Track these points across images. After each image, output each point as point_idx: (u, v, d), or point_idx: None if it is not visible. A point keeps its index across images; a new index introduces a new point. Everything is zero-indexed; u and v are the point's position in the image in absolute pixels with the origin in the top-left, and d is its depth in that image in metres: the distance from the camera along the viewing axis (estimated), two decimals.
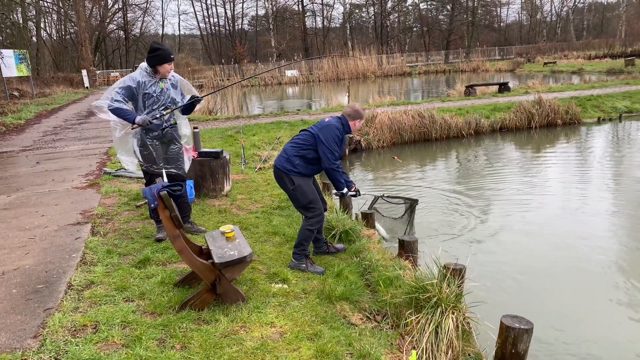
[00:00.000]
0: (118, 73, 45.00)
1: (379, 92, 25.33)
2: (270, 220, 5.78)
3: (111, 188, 6.88)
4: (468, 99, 17.97)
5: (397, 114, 12.95)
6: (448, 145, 12.83)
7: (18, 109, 19.47)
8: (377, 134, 12.45)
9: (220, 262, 3.50)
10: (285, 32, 59.91)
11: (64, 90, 31.69)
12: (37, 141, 11.94)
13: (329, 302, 3.80)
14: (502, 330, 3.39)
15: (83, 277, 4.01)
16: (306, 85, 39.48)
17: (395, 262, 4.56)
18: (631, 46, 48.00)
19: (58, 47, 50.00)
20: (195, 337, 3.17)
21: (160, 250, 4.62)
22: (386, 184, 9.48)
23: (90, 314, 3.42)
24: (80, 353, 2.94)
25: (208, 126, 13.65)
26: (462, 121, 13.44)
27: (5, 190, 7.05)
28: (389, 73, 42.77)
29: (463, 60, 49.17)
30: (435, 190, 8.83)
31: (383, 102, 16.70)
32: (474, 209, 7.69)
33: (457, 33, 61.29)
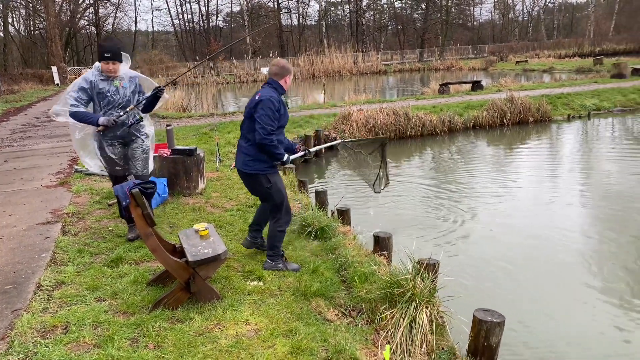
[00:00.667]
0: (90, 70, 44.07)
1: (354, 90, 25.44)
2: (245, 218, 5.74)
3: (82, 186, 6.75)
4: (442, 97, 18.18)
5: (372, 112, 13.01)
6: (422, 142, 12.96)
7: None
8: (352, 132, 12.49)
9: (194, 260, 3.47)
10: (260, 28, 59.52)
11: (33, 87, 30.94)
12: (4, 139, 11.62)
13: (304, 299, 3.80)
14: (474, 323, 3.44)
15: (53, 277, 3.93)
16: None
17: (370, 258, 4.58)
18: (599, 46, 49.30)
19: (27, 43, 48.73)
20: (169, 336, 3.13)
21: (133, 249, 4.56)
22: (358, 181, 9.51)
23: (61, 315, 3.35)
24: (50, 354, 2.88)
25: (182, 123, 13.51)
26: (436, 119, 13.58)
27: None
28: (365, 71, 42.93)
29: (437, 58, 49.69)
30: (410, 186, 8.91)
31: (359, 99, 16.76)
32: (448, 204, 7.79)
33: (431, 32, 61.88)
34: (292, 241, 5.08)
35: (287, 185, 7.20)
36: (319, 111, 15.16)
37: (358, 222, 6.63)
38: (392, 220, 7.19)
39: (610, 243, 6.18)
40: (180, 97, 21.41)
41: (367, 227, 6.79)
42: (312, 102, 18.89)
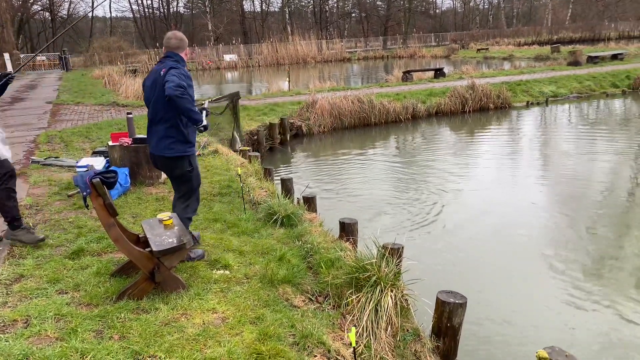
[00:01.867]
0: (44, 57, 42.46)
1: (319, 77, 25.40)
2: (210, 207, 5.71)
3: (40, 177, 6.54)
4: (405, 84, 18.37)
5: (337, 100, 13.06)
6: (387, 129, 13.10)
7: None
8: (317, 119, 12.51)
9: (158, 250, 3.43)
10: (222, 15, 58.54)
11: None
12: None
13: (271, 286, 3.82)
14: (437, 305, 3.55)
15: (11, 270, 3.82)
16: (245, 70, 38.91)
17: (336, 244, 4.63)
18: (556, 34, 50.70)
19: None
20: (134, 327, 3.10)
21: (95, 240, 4.46)
22: (327, 168, 9.57)
23: (21, 308, 3.26)
24: (10, 349, 2.81)
25: (143, 112, 13.20)
26: (399, 106, 13.74)
27: None
28: (329, 58, 42.90)
29: (400, 46, 50.05)
30: (375, 172, 9.02)
31: (323, 87, 16.77)
32: (412, 189, 7.92)
33: (394, 19, 62.17)
34: (259, 229, 5.08)
35: (252, 173, 7.19)
36: (284, 99, 15.09)
37: (323, 209, 6.68)
38: (358, 206, 7.27)
39: (569, 221, 6.44)
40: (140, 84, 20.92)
41: (332, 214, 6.86)
42: (277, 90, 18.76)
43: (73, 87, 20.94)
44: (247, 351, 2.90)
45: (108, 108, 14.30)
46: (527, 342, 4.13)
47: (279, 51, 41.04)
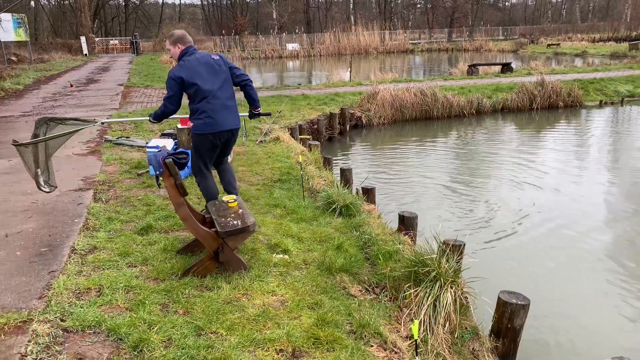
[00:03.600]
0: (117, 41, 44.43)
1: (380, 68, 25.15)
2: (271, 193, 5.80)
3: (112, 156, 6.88)
4: (470, 78, 17.88)
5: (399, 91, 12.89)
6: (449, 123, 12.82)
7: (16, 74, 19.26)
8: (378, 111, 12.41)
9: (223, 230, 3.53)
10: (287, 4, 58.97)
11: (62, 57, 31.31)
12: (36, 107, 11.86)
13: (329, 274, 3.85)
14: (499, 305, 3.46)
15: (86, 242, 4.05)
16: (307, 59, 39.11)
17: (394, 237, 4.61)
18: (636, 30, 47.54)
19: (57, 13, 49.23)
20: (197, 303, 3.22)
21: (162, 218, 4.65)
22: (386, 159, 9.50)
23: (94, 278, 3.46)
24: (84, 315, 2.99)
25: None
26: (464, 100, 13.40)
27: (6, 154, 7.04)
28: (391, 50, 42.38)
29: (466, 39, 48.70)
30: (436, 167, 8.86)
31: (385, 78, 16.59)
32: (473, 186, 7.73)
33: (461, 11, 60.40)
34: (317, 217, 5.13)
35: (312, 162, 7.25)
36: (344, 89, 15.07)
37: (381, 201, 6.64)
38: (417, 200, 7.18)
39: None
40: None
41: (390, 206, 6.82)
42: (338, 80, 18.74)
43: (142, 71, 21.78)
44: (305, 335, 2.95)
45: None
46: (591, 350, 3.96)
47: (341, 41, 40.95)
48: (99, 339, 2.82)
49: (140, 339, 2.77)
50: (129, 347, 2.74)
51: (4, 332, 2.79)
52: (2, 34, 22.60)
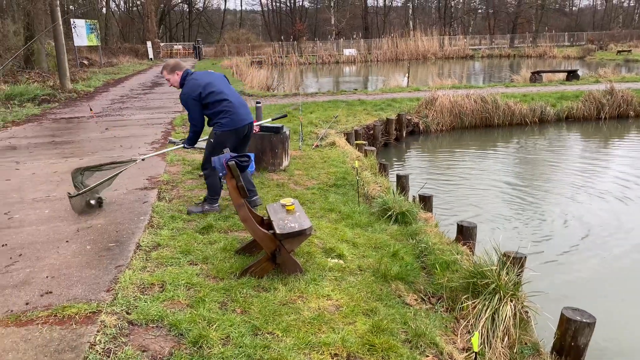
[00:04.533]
0: (181, 46, 46.11)
1: (439, 74, 24.77)
2: (326, 197, 5.84)
3: (176, 157, 7.13)
4: (533, 85, 17.29)
5: (458, 98, 12.65)
6: (510, 131, 12.45)
7: (87, 77, 20.38)
8: (436, 117, 12.23)
9: (281, 232, 3.59)
10: (345, 10, 59.23)
11: (129, 61, 32.84)
12: (105, 108, 12.49)
13: (384, 281, 3.83)
14: (562, 321, 3.32)
15: (150, 239, 4.22)
16: (364, 64, 39.09)
17: (452, 247, 4.52)
18: None
19: (125, 19, 51.65)
20: (255, 303, 3.28)
21: (222, 218, 4.78)
22: (443, 167, 9.34)
23: (157, 274, 3.60)
24: (148, 309, 3.12)
25: (266, 102, 13.83)
26: (526, 108, 12.98)
27: (78, 153, 7.46)
28: (450, 55, 41.66)
29: (529, 45, 47.07)
30: (495, 176, 8.63)
31: (444, 84, 16.32)
32: (534, 197, 7.47)
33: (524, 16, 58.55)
34: (372, 223, 5.12)
35: (367, 167, 7.24)
36: (402, 95, 14.95)
37: (437, 209, 6.53)
38: (475, 209, 7.01)
39: None
40: (265, 76, 21.90)
41: (449, 215, 6.70)
42: (395, 86, 18.62)
43: None
44: (360, 341, 2.95)
45: None
46: None
47: (398, 46, 40.67)
48: (161, 333, 2.93)
49: (200, 335, 2.86)
50: (189, 343, 2.83)
51: (75, 321, 2.95)
52: (77, 39, 23.98)
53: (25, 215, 4.82)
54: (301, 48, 44.33)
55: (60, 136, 8.92)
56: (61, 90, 15.56)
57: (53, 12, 16.22)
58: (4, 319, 2.99)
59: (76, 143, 8.22)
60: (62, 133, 9.24)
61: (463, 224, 4.77)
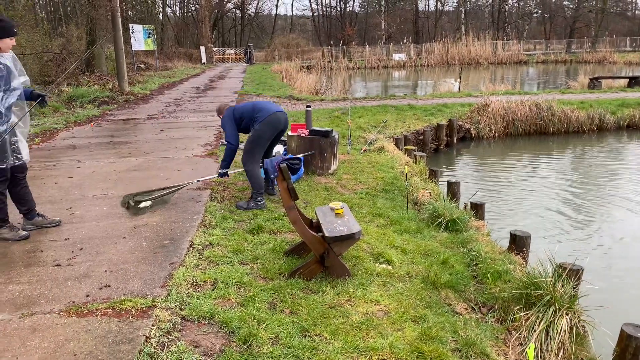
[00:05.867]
0: (232, 51, 47.13)
1: (491, 79, 24.23)
2: (374, 202, 5.82)
3: None
4: (592, 92, 16.61)
5: (512, 104, 12.32)
6: (566, 139, 12.01)
7: (144, 80, 21.16)
8: (488, 123, 11.96)
9: (330, 236, 3.61)
10: (396, 14, 58.91)
11: (183, 65, 33.85)
12: (160, 111, 12.93)
13: (433, 288, 3.78)
14: (622, 338, 3.18)
15: (203, 237, 4.33)
16: (413, 69, 38.72)
17: (504, 256, 4.40)
18: None
19: (180, 24, 53.29)
20: (303, 305, 3.31)
21: (272, 220, 4.85)
22: (495, 174, 9.12)
23: (209, 272, 3.69)
24: (200, 306, 3.20)
25: (315, 106, 13.92)
26: (584, 115, 12.49)
27: (135, 153, 7.75)
28: (504, 60, 40.66)
29: (588, 50, 45.30)
30: (550, 185, 8.34)
31: (497, 90, 15.94)
32: (591, 208, 7.17)
33: (583, 21, 56.45)
34: (421, 230, 5.06)
35: (417, 173, 7.16)
36: (453, 100, 14.71)
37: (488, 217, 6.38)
38: (527, 218, 6.81)
39: None
40: (314, 80, 22.07)
41: (501, 224, 6.53)
42: (445, 91, 18.34)
43: (255, 80, 22.89)
44: (409, 348, 2.92)
45: (285, 100, 15.36)
46: None
47: (450, 51, 40.05)
48: (212, 330, 3.00)
49: (250, 334, 2.91)
50: (239, 341, 2.88)
51: (131, 315, 3.07)
52: (134, 43, 24.93)
53: (85, 211, 5.06)
54: (350, 52, 44.40)
55: (118, 137, 9.30)
56: (119, 93, 16.22)
57: (114, 18, 16.96)
58: (66, 310, 3.15)
59: (133, 143, 8.55)
60: (120, 134, 9.63)
61: (516, 233, 4.63)
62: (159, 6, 47.51)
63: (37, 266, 3.80)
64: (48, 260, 3.89)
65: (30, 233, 4.40)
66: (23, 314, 3.10)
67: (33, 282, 3.54)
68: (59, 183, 6.13)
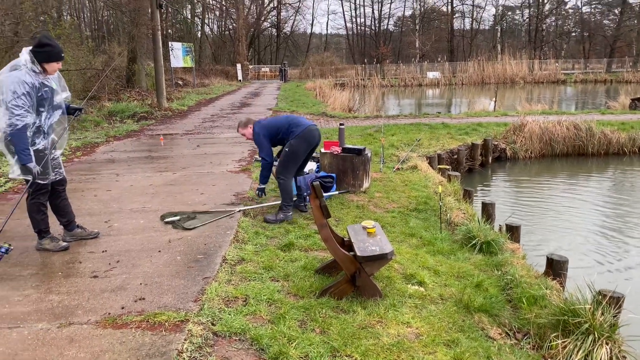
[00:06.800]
0: (267, 68, 47.87)
1: (527, 99, 23.83)
2: (406, 222, 5.77)
3: None
4: (633, 112, 16.14)
5: (549, 124, 12.08)
6: (606, 161, 11.67)
7: (182, 97, 21.70)
8: (524, 144, 11.74)
9: (362, 255, 3.59)
10: (431, 33, 58.86)
11: (220, 82, 34.56)
12: (197, 126, 13.21)
13: (466, 312, 3.71)
14: None
15: (235, 253, 4.38)
16: (447, 87, 38.47)
17: (540, 281, 4.29)
18: None
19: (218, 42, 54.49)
20: (333, 324, 3.29)
21: (303, 237, 4.87)
22: (530, 196, 8.92)
23: (241, 288, 3.72)
24: (232, 322, 3.22)
25: (348, 123, 13.96)
26: (624, 137, 12.13)
27: (172, 167, 7.93)
28: (541, 80, 39.96)
29: (629, 69, 44.09)
30: (589, 208, 8.11)
31: (534, 110, 15.66)
32: (634, 233, 6.92)
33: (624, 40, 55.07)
34: (455, 251, 4.98)
35: (450, 193, 7.08)
36: (488, 119, 14.53)
37: (527, 241, 6.23)
38: (566, 243, 6.62)
39: None
40: (347, 98, 22.18)
41: (537, 247, 6.38)
42: (480, 110, 18.15)
43: (289, 97, 23.16)
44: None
45: (318, 117, 15.48)
46: None
47: (485, 70, 39.66)
48: (243, 347, 3.01)
49: (280, 352, 2.91)
50: (270, 358, 2.88)
51: (165, 328, 3.12)
52: (173, 60, 25.64)
53: (123, 224, 5.19)
54: (384, 70, 44.48)
55: (155, 151, 9.54)
56: (158, 109, 16.67)
57: (154, 36, 17.50)
58: (102, 321, 3.22)
59: (170, 158, 8.75)
60: (158, 148, 9.88)
61: (553, 258, 4.52)
62: (198, 24, 48.80)
63: (76, 277, 3.91)
64: (86, 272, 4.00)
65: (69, 244, 4.54)
66: (61, 324, 3.18)
67: (71, 292, 3.64)
68: (98, 196, 6.32)
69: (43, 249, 4.43)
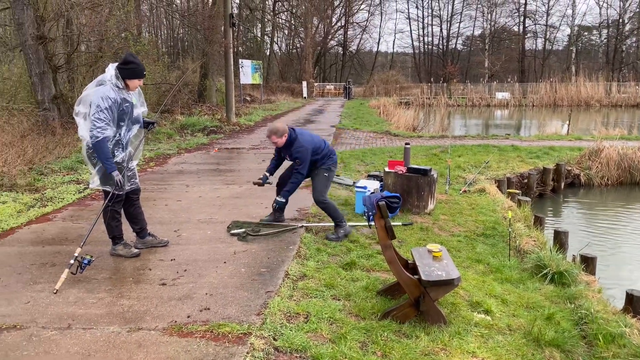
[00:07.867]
0: (332, 86, 48.39)
1: (603, 122, 22.65)
2: (473, 247, 5.59)
3: None
4: None
5: (628, 150, 11.39)
6: None
7: (249, 112, 22.31)
8: (601, 170, 11.12)
9: (427, 279, 3.51)
10: (501, 52, 57.40)
11: (285, 99, 35.28)
12: (262, 142, 13.50)
13: (536, 345, 3.52)
14: None
15: (297, 268, 4.40)
16: (517, 109, 37.25)
17: (619, 318, 4.00)
18: None
19: (285, 60, 55.83)
20: (395, 348, 3.22)
21: (365, 256, 4.82)
22: (605, 226, 8.41)
23: (303, 304, 3.72)
24: (293, 338, 3.22)
25: (412, 143, 13.79)
26: None
27: (238, 181, 8.13)
28: (619, 103, 37.83)
29: None
30: None
31: (611, 135, 14.84)
32: None
33: None
34: (524, 280, 4.77)
35: (520, 219, 6.80)
36: (561, 143, 13.90)
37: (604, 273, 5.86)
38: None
39: None
40: (412, 117, 21.96)
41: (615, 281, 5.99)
42: (552, 133, 17.41)
43: (352, 114, 23.24)
44: None
45: (381, 136, 15.42)
46: None
47: (558, 91, 38.07)
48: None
49: None
50: None
51: (228, 340, 3.16)
52: (242, 77, 26.47)
53: (191, 234, 5.35)
54: (450, 90, 43.75)
55: (223, 164, 9.83)
56: (226, 123, 17.22)
57: (226, 54, 18.18)
58: (169, 328, 3.32)
59: (237, 172, 8.98)
60: (225, 162, 10.17)
61: (634, 293, 4.22)
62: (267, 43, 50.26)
63: (145, 283, 4.06)
64: (155, 279, 4.15)
65: (141, 251, 4.73)
66: (131, 329, 3.31)
67: (141, 298, 3.78)
68: (169, 205, 6.57)
69: (116, 254, 4.65)
